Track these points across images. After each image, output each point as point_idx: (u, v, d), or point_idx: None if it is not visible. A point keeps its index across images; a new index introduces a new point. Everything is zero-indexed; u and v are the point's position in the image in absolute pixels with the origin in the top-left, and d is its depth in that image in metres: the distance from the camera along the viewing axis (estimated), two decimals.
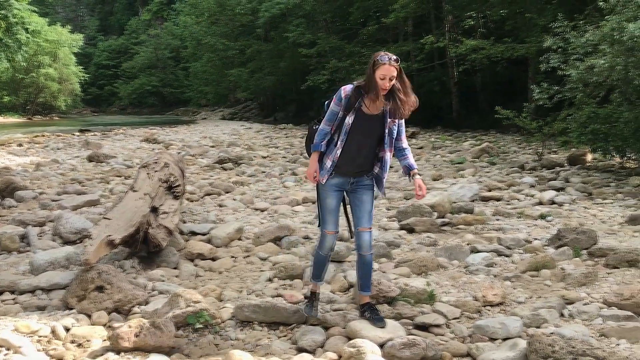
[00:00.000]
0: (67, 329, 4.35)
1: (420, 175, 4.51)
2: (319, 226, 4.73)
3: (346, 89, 4.34)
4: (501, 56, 20.43)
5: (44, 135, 25.66)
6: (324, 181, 4.43)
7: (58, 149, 19.59)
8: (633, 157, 12.17)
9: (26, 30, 39.59)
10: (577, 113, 12.36)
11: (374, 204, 4.61)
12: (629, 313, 4.56)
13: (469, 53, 21.02)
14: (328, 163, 4.41)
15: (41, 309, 4.82)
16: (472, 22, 23.43)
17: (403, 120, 4.45)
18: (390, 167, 4.62)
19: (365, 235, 4.47)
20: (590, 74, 10.88)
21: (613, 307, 4.71)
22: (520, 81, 23.56)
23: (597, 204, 9.17)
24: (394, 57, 4.21)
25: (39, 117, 51.58)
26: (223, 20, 42.76)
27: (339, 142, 4.37)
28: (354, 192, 4.53)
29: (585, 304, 4.84)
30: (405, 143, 4.52)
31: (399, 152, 4.51)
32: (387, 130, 4.37)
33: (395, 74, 4.18)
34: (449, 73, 25.55)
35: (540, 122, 14.21)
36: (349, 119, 4.32)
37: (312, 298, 4.63)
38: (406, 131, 4.52)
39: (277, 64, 36.65)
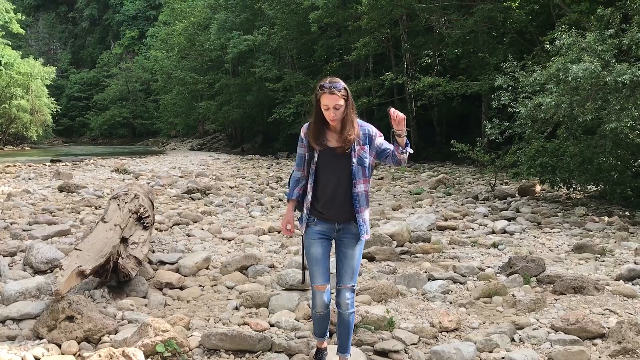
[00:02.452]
0: (38, 359, 4.28)
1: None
2: (303, 282, 4.44)
3: (304, 128, 3.90)
4: (456, 92, 20.86)
5: (15, 165, 25.20)
6: (303, 231, 3.93)
7: (29, 179, 19.23)
8: (578, 189, 12.49)
9: None
10: (527, 147, 12.65)
11: (359, 257, 3.96)
12: (575, 337, 4.67)
13: (426, 89, 21.41)
14: (304, 211, 3.91)
15: (12, 338, 4.72)
16: (429, 60, 23.90)
17: (379, 137, 3.86)
18: None
19: (346, 294, 3.92)
20: (538, 111, 11.16)
21: (560, 332, 4.82)
22: (474, 116, 24.13)
23: (546, 233, 9.38)
24: (339, 84, 3.66)
25: (11, 147, 50.72)
26: (193, 55, 42.97)
27: (308, 186, 3.87)
28: (340, 242, 3.93)
29: (534, 329, 4.93)
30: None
31: (393, 156, 3.77)
32: (354, 160, 3.78)
33: (341, 102, 3.64)
34: (408, 108, 25.94)
35: (493, 155, 14.51)
36: (315, 159, 3.84)
37: (319, 355, 4.22)
38: None
39: (245, 97, 36.82)
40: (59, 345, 4.55)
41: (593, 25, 12.40)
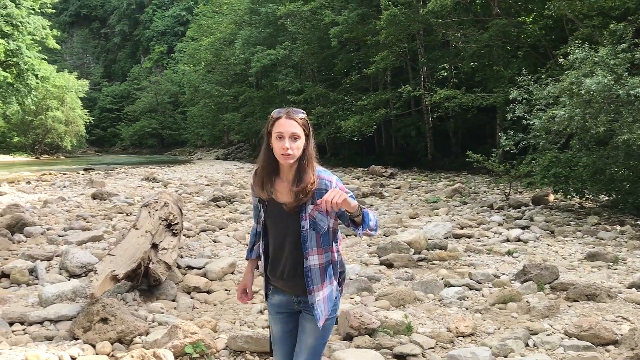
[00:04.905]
0: (74, 359, 4.36)
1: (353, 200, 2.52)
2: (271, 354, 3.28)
3: (252, 176, 2.88)
4: (471, 104, 20.75)
5: (51, 174, 25.52)
6: (264, 301, 3.09)
7: (64, 186, 19.46)
8: (591, 198, 12.36)
9: (36, 76, 39.71)
10: (541, 158, 12.56)
11: (322, 337, 2.83)
12: (587, 343, 4.63)
13: (443, 101, 21.33)
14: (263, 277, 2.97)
15: (49, 339, 4.81)
16: (445, 73, 23.86)
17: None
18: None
19: None
20: (551, 123, 11.09)
21: (573, 338, 4.78)
22: (489, 127, 24.00)
23: (559, 241, 9.29)
24: (299, 112, 2.68)
25: (47, 156, 51.49)
26: (218, 69, 43.35)
27: (261, 246, 2.93)
28: (302, 315, 2.86)
29: (548, 335, 4.90)
30: None
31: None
32: (304, 224, 2.69)
33: (297, 130, 2.62)
34: (425, 119, 25.90)
35: (507, 166, 14.42)
36: (262, 213, 2.84)
37: None
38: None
39: (268, 109, 36.81)
40: (94, 346, 4.63)
41: (606, 40, 12.32)
